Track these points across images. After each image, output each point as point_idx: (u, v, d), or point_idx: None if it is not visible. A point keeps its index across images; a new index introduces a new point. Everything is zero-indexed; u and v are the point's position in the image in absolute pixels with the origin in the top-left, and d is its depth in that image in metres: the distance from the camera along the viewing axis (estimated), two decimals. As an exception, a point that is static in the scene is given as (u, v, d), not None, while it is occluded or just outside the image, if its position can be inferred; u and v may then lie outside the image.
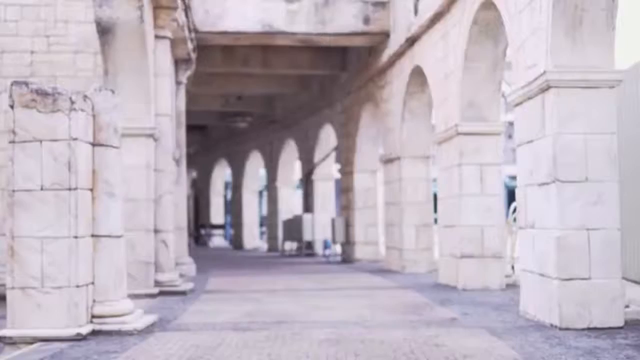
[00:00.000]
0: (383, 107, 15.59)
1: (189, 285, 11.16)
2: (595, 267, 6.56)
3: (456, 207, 10.76)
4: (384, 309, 8.53)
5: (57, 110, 6.31)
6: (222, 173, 33.13)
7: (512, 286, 10.25)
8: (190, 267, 13.87)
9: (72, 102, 6.36)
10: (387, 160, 15.30)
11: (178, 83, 13.68)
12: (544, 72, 6.72)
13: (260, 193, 30.03)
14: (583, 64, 6.68)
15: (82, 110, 6.48)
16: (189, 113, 15.31)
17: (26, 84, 6.31)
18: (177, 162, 13.34)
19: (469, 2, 9.92)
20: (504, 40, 9.80)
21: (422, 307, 8.66)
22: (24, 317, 6.24)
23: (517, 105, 7.70)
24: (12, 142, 6.32)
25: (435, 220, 13.77)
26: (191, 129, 20.07)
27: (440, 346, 5.87)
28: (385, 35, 14.69)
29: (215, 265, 17.20)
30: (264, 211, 29.09)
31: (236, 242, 28.79)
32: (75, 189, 6.37)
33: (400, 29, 13.76)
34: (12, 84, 6.30)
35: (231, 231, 31.56)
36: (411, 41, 13.11)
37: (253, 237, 28.76)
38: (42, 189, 6.30)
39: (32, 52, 13.29)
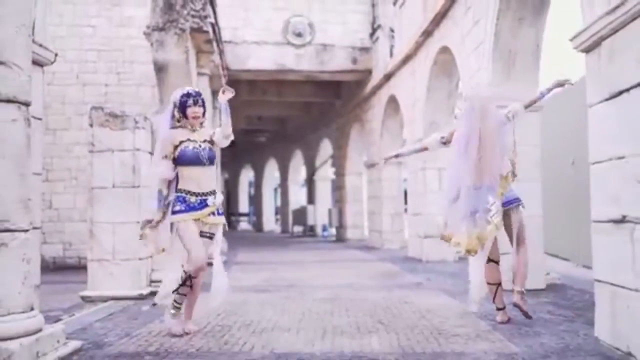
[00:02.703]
0: (367, 126, 15.58)
1: (223, 259, 11.13)
2: (524, 244, 6.57)
3: (421, 201, 10.77)
4: (367, 276, 8.52)
5: (124, 128, 6.32)
6: (247, 175, 33.15)
7: (464, 259, 10.23)
8: (223, 245, 13.80)
9: (136, 122, 6.38)
10: (370, 165, 15.29)
11: (214, 108, 13.67)
12: (486, 100, 6.73)
13: (276, 190, 29.99)
14: (515, 95, 6.67)
15: (144, 128, 6.49)
16: (222, 130, 15.28)
17: (102, 108, 6.33)
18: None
19: (430, 48, 9.92)
20: (457, 75, 9.81)
21: (395, 274, 8.67)
22: (100, 282, 6.27)
23: (466, 124, 7.69)
24: (91, 151, 6.34)
25: (406, 210, 13.78)
26: (224, 142, 20.09)
27: (409, 303, 5.89)
28: (369, 72, 14.69)
29: (242, 244, 17.19)
30: (278, 203, 29.07)
31: (257, 226, 28.76)
32: (138, 186, 6.38)
33: (380, 67, 13.76)
34: (91, 109, 6.32)
35: (254, 218, 31.53)
36: (388, 77, 13.10)
37: (270, 222, 28.77)
38: (113, 186, 6.32)
39: (106, 85, 13.31)
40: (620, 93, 3.58)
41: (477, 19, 7.20)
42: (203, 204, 4.35)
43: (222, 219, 4.54)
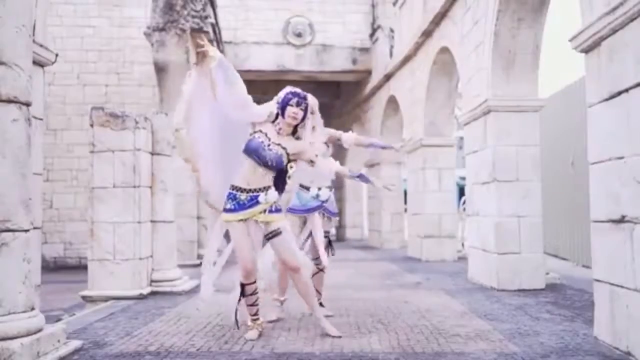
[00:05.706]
0: (367, 125, 15.57)
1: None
2: (523, 244, 6.57)
3: (421, 200, 10.76)
4: (367, 275, 8.49)
5: (125, 128, 6.31)
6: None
7: (463, 259, 10.23)
8: (224, 243, 13.81)
9: (136, 122, 6.36)
10: (370, 165, 15.28)
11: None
12: (486, 100, 6.72)
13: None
14: (515, 94, 6.68)
15: (144, 128, 6.47)
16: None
17: (102, 108, 6.31)
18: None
19: (430, 48, 9.92)
20: (456, 76, 9.81)
21: (395, 274, 8.65)
22: (100, 281, 6.25)
23: (466, 124, 7.68)
24: (92, 151, 6.33)
25: (405, 210, 13.77)
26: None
27: (408, 303, 5.87)
28: (368, 72, 14.70)
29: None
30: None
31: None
32: (139, 186, 6.35)
33: (380, 68, 13.75)
34: (91, 109, 6.31)
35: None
36: (387, 77, 13.10)
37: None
38: (114, 186, 6.30)
39: (106, 85, 13.32)
40: (620, 93, 3.58)
41: (477, 19, 7.20)
42: (253, 201, 4.11)
43: (275, 216, 4.16)
